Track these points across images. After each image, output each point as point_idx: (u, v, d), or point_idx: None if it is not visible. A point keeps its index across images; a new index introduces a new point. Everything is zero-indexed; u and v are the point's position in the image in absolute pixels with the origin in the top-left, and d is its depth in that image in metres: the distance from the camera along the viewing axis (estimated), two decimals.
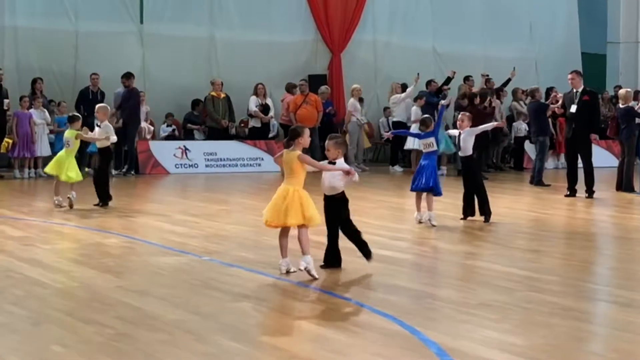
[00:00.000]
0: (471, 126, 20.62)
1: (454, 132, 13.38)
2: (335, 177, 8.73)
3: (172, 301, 7.52)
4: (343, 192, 8.79)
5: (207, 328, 6.64)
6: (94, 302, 7.52)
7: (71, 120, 13.85)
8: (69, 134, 13.71)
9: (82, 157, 18.50)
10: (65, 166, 13.47)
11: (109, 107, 14.13)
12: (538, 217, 13.65)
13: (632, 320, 7.04)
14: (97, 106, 14.08)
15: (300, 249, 8.51)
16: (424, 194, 12.14)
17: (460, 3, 25.35)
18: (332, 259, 8.86)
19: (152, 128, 20.90)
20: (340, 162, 8.81)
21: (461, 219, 12.60)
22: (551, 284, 8.44)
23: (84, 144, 15.41)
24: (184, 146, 20.58)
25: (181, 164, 20.42)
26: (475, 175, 12.82)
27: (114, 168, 18.76)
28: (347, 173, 8.63)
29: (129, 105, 19.45)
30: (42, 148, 19.12)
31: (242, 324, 6.76)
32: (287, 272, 8.53)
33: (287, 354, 6.03)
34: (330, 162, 8.81)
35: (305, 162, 8.50)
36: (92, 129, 14.27)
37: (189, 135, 21.37)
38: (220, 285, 8.19)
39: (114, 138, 13.66)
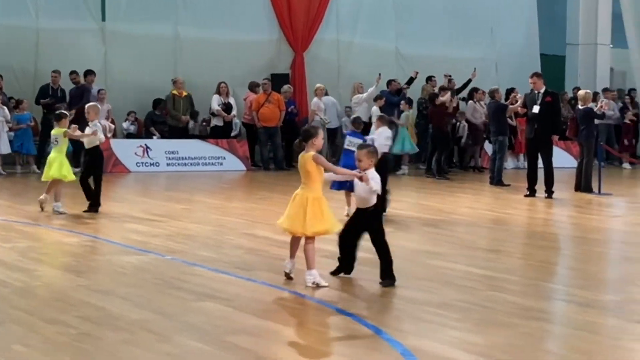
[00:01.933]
0: (433, 125, 20.89)
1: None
2: (365, 187, 8.18)
3: (135, 301, 7.50)
4: (376, 207, 8.34)
5: (170, 328, 6.62)
6: (56, 301, 7.48)
7: (58, 118, 13.29)
8: (56, 132, 13.16)
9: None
10: (58, 165, 12.99)
11: (99, 106, 13.76)
12: (498, 217, 13.77)
13: (591, 320, 7.14)
14: (87, 105, 13.56)
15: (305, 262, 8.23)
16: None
17: (423, 5, 25.48)
18: (346, 265, 8.56)
19: (113, 126, 20.72)
20: (371, 172, 8.21)
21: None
22: (511, 284, 8.54)
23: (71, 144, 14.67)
24: (146, 145, 20.47)
25: (142, 163, 20.30)
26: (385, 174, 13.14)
27: (74, 166, 18.55)
28: (360, 179, 8.11)
29: (80, 102, 19.11)
30: (2, 146, 18.96)
31: (206, 324, 6.75)
32: (288, 275, 8.26)
33: (252, 354, 6.04)
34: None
35: (319, 164, 8.08)
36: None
37: (150, 134, 21.27)
38: (183, 284, 8.17)
39: (101, 137, 13.40)
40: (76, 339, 6.26)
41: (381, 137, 12.68)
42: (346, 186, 12.16)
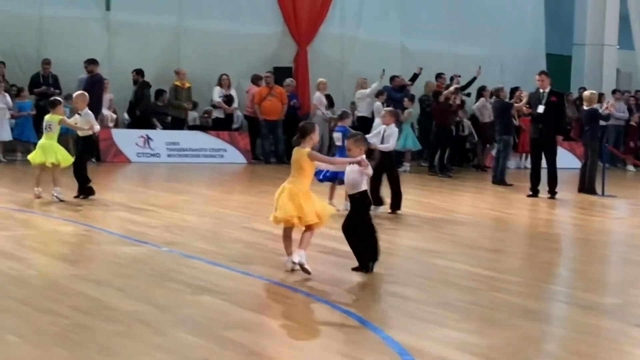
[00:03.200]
0: (436, 122, 20.79)
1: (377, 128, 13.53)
2: (355, 172, 8.27)
3: (129, 292, 7.40)
4: (365, 192, 8.34)
5: (164, 320, 6.52)
6: (49, 290, 7.38)
7: (52, 104, 13.15)
8: (50, 118, 12.98)
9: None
10: (51, 151, 12.84)
11: (87, 94, 13.60)
12: (500, 217, 13.66)
13: (592, 322, 7.04)
14: (75, 94, 13.47)
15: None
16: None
17: (429, 0, 25.35)
18: (366, 256, 8.40)
19: (114, 116, 20.66)
20: (363, 158, 8.27)
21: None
22: (513, 285, 8.43)
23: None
24: (147, 135, 20.38)
25: (143, 153, 20.22)
26: (392, 169, 12.96)
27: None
28: (359, 164, 8.14)
29: (91, 92, 19.10)
30: (3, 133, 18.90)
31: (201, 317, 6.65)
32: (293, 270, 8.20)
33: (246, 350, 5.93)
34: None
35: (316, 160, 8.18)
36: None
37: (152, 125, 21.16)
38: (179, 276, 8.07)
39: (97, 127, 13.26)
40: (69, 330, 6.16)
41: (393, 135, 12.58)
42: (335, 176, 11.99)
